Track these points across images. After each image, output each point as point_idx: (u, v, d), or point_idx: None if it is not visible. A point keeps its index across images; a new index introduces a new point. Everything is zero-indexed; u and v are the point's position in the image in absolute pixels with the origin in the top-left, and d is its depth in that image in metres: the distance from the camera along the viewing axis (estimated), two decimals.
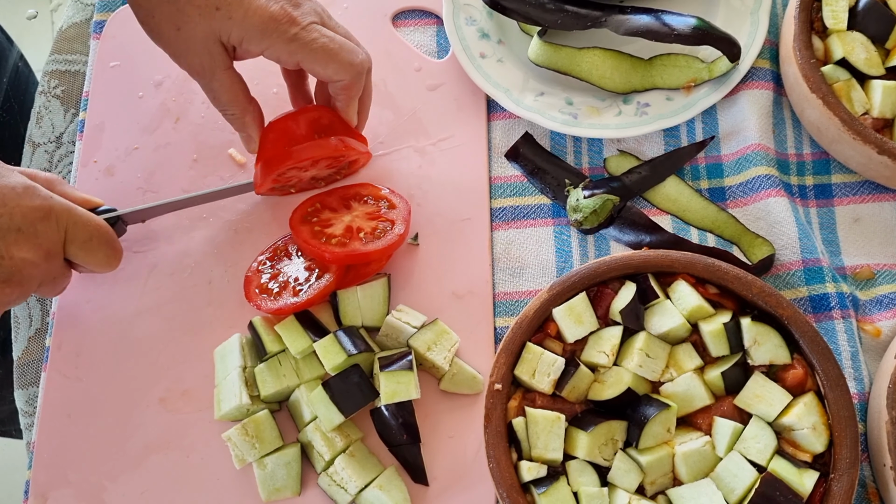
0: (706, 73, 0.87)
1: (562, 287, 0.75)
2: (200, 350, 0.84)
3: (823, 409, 0.70)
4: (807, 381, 0.72)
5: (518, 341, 0.74)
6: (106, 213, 0.82)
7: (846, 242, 0.84)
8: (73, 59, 1.00)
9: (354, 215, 0.83)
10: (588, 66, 0.87)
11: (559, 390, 0.73)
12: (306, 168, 0.82)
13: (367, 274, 0.82)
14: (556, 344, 0.75)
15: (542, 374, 0.73)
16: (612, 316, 0.75)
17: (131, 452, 0.81)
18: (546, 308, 0.75)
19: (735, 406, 0.72)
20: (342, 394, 0.75)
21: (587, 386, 0.73)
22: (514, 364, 0.74)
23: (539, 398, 0.73)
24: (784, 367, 0.72)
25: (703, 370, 0.74)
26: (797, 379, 0.71)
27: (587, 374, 0.73)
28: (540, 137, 0.90)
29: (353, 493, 0.75)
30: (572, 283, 0.75)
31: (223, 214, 0.89)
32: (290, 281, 0.81)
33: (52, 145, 0.96)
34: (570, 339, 0.74)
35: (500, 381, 0.72)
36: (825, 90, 0.81)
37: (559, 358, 0.73)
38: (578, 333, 0.74)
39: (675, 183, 0.86)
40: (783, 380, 0.72)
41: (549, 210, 0.87)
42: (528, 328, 0.74)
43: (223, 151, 0.92)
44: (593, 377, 0.73)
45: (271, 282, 0.82)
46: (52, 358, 0.85)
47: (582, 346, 0.75)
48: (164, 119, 0.94)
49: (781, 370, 0.72)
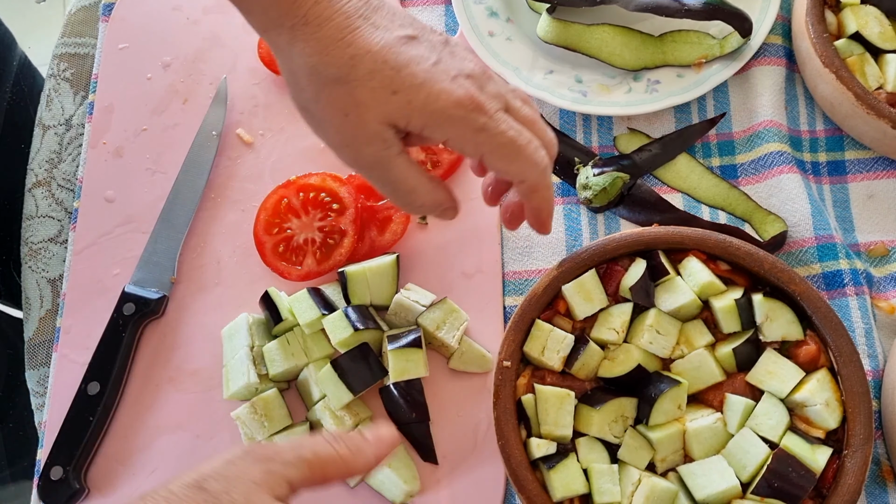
0: (717, 48, 0.85)
1: (571, 263, 0.74)
2: (209, 330, 0.84)
3: (836, 384, 0.69)
4: (819, 358, 0.71)
5: (527, 318, 0.73)
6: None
7: (860, 219, 0.83)
8: (82, 42, 1.00)
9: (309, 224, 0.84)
10: (598, 43, 0.87)
11: (568, 367, 0.72)
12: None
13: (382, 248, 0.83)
14: (565, 321, 0.74)
15: (551, 350, 0.72)
16: (622, 293, 0.74)
17: (141, 432, 0.81)
18: (556, 285, 0.74)
19: (747, 383, 0.71)
20: (351, 372, 0.75)
21: (597, 363, 0.73)
22: (524, 341, 0.73)
23: (548, 375, 0.73)
24: (797, 344, 0.71)
25: (715, 347, 0.73)
26: (810, 355, 0.71)
27: (597, 350, 0.72)
28: (549, 116, 0.89)
29: None
30: (582, 260, 0.74)
31: (231, 195, 0.89)
32: (305, 245, 0.83)
33: (62, 128, 0.96)
34: (580, 317, 0.73)
35: (510, 358, 0.72)
36: (838, 65, 0.80)
37: (569, 335, 0.72)
38: (588, 310, 0.73)
39: (686, 161, 0.85)
40: (796, 356, 0.71)
41: (559, 189, 0.86)
42: (537, 305, 0.74)
43: (231, 131, 0.91)
44: (603, 354, 0.73)
45: (281, 245, 0.83)
46: (61, 340, 0.85)
47: (591, 323, 0.74)
48: (172, 100, 0.94)
49: (794, 347, 0.71)
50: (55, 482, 0.78)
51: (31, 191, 0.93)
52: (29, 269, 0.90)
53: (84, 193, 0.90)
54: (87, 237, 0.89)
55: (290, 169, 0.88)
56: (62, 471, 0.78)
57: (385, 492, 0.75)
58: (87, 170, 0.91)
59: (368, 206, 0.84)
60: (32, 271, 0.90)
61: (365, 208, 0.84)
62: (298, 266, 0.83)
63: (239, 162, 0.90)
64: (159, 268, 0.86)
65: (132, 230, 0.88)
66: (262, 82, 0.93)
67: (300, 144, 0.90)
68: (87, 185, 0.91)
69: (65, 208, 0.92)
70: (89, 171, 0.91)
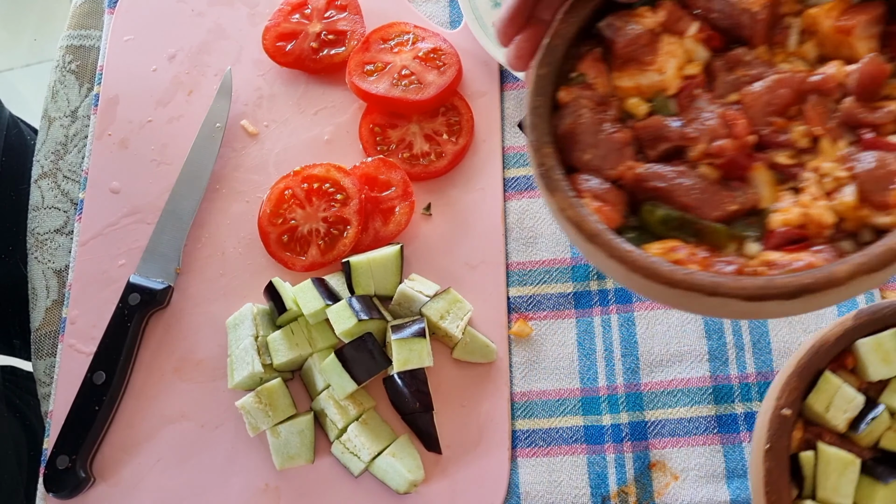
0: None
1: (870, 317, 0.67)
2: (214, 320, 0.84)
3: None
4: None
5: (814, 368, 0.66)
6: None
7: None
8: (87, 34, 1.01)
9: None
10: None
11: (853, 431, 0.66)
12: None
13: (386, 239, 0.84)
14: (851, 377, 0.68)
15: (837, 409, 0.65)
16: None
17: (146, 422, 0.82)
18: (851, 336, 0.67)
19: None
20: (355, 362, 0.75)
21: (881, 432, 0.66)
22: (807, 392, 0.66)
23: (827, 435, 0.66)
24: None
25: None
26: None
27: (885, 418, 0.66)
28: None
29: (366, 460, 0.75)
30: (884, 315, 0.67)
31: (236, 186, 0.89)
32: (309, 235, 0.83)
33: (68, 119, 0.96)
34: (873, 378, 0.67)
35: (790, 407, 0.66)
36: None
37: (859, 395, 0.66)
38: (885, 373, 0.66)
39: None
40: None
41: None
42: (826, 355, 0.67)
43: (236, 123, 0.92)
44: (889, 424, 0.66)
45: (285, 236, 0.84)
46: (67, 330, 0.85)
47: (882, 386, 0.68)
48: (177, 92, 0.94)
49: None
50: (61, 471, 0.78)
51: (37, 182, 0.94)
52: (35, 260, 0.91)
53: (90, 185, 0.91)
54: (93, 228, 0.89)
55: (295, 160, 0.89)
56: (68, 460, 0.78)
57: (389, 481, 0.75)
58: (93, 161, 0.92)
59: (372, 197, 0.84)
60: (38, 262, 0.90)
61: (369, 199, 0.84)
62: (303, 256, 0.83)
63: (243, 153, 0.91)
64: (164, 258, 0.86)
65: (137, 221, 0.89)
66: (267, 74, 0.94)
67: (304, 135, 0.90)
68: (93, 176, 0.91)
69: (70, 199, 0.93)
70: (95, 163, 0.92)
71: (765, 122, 0.57)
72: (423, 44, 0.89)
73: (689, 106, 0.59)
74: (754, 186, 0.56)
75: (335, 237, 0.83)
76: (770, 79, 0.58)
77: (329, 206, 0.83)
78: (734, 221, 0.56)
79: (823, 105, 0.57)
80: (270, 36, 0.92)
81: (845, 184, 0.54)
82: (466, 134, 0.87)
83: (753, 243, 0.55)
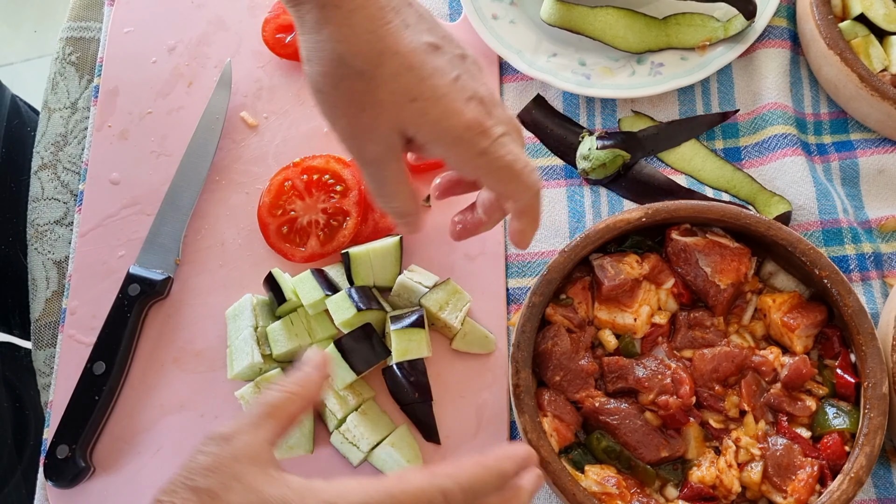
0: (722, 31, 0.85)
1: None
2: (213, 311, 0.84)
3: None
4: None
5: None
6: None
7: (869, 196, 0.83)
8: (87, 26, 1.01)
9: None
10: (602, 26, 0.87)
11: None
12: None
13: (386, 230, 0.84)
14: None
15: None
16: None
17: (146, 412, 0.82)
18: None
19: None
20: (354, 352, 0.75)
21: None
22: None
23: None
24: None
25: None
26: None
27: None
28: (552, 99, 0.89)
29: (365, 450, 0.75)
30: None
31: (236, 177, 0.89)
32: (309, 226, 0.83)
33: (68, 111, 0.96)
34: None
35: None
36: (843, 46, 0.80)
37: None
38: None
39: (691, 144, 0.85)
40: None
41: (562, 171, 0.86)
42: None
43: (235, 114, 0.92)
44: None
45: (285, 227, 0.84)
46: (67, 321, 0.86)
47: None
48: (177, 83, 0.94)
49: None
50: (61, 461, 0.78)
51: (37, 173, 0.94)
52: (35, 251, 0.91)
53: (89, 176, 0.91)
54: (93, 219, 0.89)
55: (294, 151, 0.89)
56: (68, 449, 0.79)
57: (388, 470, 0.75)
58: (93, 152, 0.92)
59: None
60: (39, 253, 0.91)
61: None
62: (302, 247, 0.83)
63: (243, 145, 0.91)
64: (164, 249, 0.86)
65: (137, 212, 0.89)
66: (267, 65, 0.94)
67: (304, 127, 0.90)
68: (93, 167, 0.91)
69: (70, 191, 0.93)
70: (95, 154, 0.92)
71: (707, 385, 0.72)
72: None
73: (650, 352, 0.74)
74: (685, 439, 0.71)
75: (334, 228, 0.83)
76: (720, 350, 0.73)
77: (328, 198, 0.83)
78: (662, 464, 0.70)
79: (757, 382, 0.72)
80: (270, 28, 0.92)
81: (756, 460, 0.69)
82: None
83: (673, 488, 0.70)
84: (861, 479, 0.66)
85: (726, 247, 0.74)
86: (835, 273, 0.71)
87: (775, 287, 0.76)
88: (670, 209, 0.74)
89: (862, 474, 0.66)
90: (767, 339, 0.75)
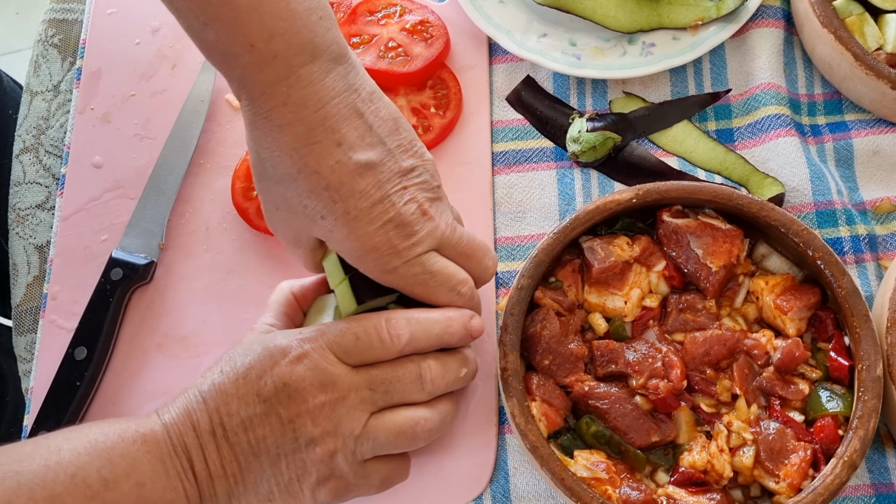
0: (714, 11, 0.84)
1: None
2: (197, 296, 0.83)
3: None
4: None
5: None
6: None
7: (864, 177, 0.81)
8: (70, 7, 0.99)
9: None
10: (592, 5, 0.85)
11: None
12: None
13: None
14: None
15: None
16: None
17: (129, 398, 0.80)
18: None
19: None
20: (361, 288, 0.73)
21: None
22: None
23: None
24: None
25: None
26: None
27: None
28: (542, 81, 0.88)
29: None
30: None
31: (220, 160, 0.88)
32: None
33: (50, 94, 0.95)
34: None
35: None
36: (837, 25, 0.79)
37: None
38: None
39: (682, 125, 0.84)
40: None
41: (552, 154, 0.85)
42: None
43: (220, 97, 0.90)
44: None
45: None
46: (49, 306, 0.84)
47: None
48: (160, 65, 0.92)
49: None
50: None
51: (19, 157, 0.92)
52: (16, 236, 0.89)
53: (72, 159, 0.89)
54: (75, 203, 0.87)
55: None
56: None
57: None
58: (75, 136, 0.90)
59: None
60: (20, 237, 0.89)
61: None
62: None
63: (228, 127, 0.89)
64: (147, 233, 0.84)
65: (120, 196, 0.87)
66: None
67: None
68: (75, 150, 0.90)
69: (52, 174, 0.91)
70: (77, 137, 0.90)
71: (699, 369, 0.71)
72: (410, 16, 0.88)
73: (640, 335, 0.72)
74: (676, 424, 0.70)
75: None
76: (712, 333, 0.71)
77: None
78: (653, 449, 0.69)
79: (749, 366, 0.70)
80: None
81: (748, 445, 0.68)
82: (454, 107, 0.86)
83: (664, 473, 0.69)
84: (855, 463, 0.65)
85: (718, 228, 0.73)
86: (828, 255, 0.70)
87: (768, 269, 0.74)
88: (661, 190, 0.73)
89: (856, 458, 0.65)
90: (760, 322, 0.73)
